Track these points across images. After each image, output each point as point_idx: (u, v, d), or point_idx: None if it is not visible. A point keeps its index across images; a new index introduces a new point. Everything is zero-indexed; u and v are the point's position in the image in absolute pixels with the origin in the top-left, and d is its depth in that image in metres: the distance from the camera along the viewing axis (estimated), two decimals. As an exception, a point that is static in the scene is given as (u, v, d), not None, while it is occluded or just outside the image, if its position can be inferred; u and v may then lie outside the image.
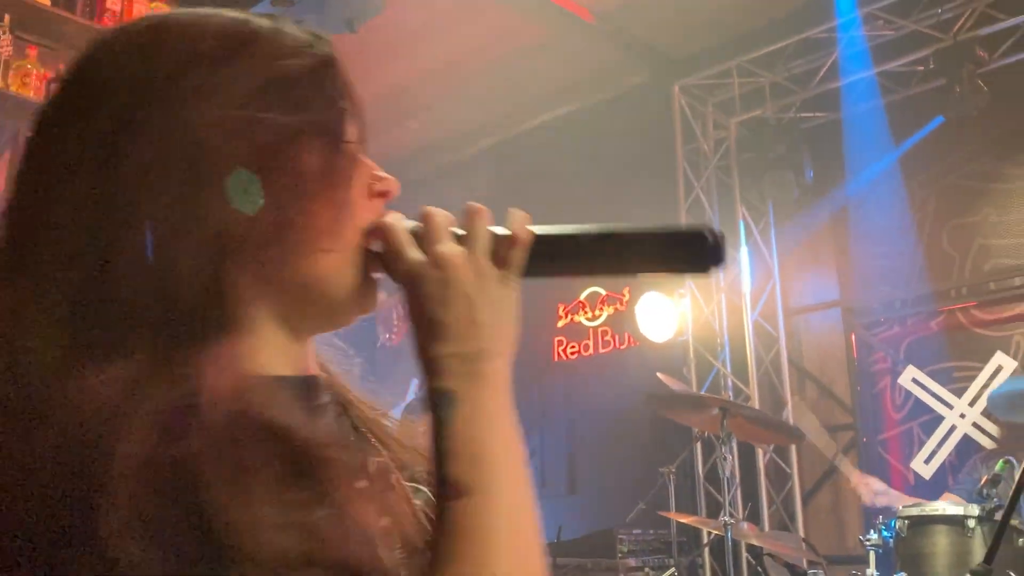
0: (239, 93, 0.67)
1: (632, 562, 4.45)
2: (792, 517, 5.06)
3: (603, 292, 6.28)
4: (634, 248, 0.76)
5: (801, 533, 4.89)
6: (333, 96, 0.73)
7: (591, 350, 6.29)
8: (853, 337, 5.07)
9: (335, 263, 0.72)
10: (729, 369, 5.28)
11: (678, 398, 3.96)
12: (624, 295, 6.13)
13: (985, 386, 4.44)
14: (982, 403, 4.38)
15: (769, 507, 5.08)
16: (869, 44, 4.85)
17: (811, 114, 5.30)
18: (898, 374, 4.85)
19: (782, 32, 5.07)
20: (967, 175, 4.82)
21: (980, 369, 4.53)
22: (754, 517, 5.01)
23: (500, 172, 6.73)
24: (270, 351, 0.71)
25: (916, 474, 4.67)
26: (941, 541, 2.92)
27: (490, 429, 0.68)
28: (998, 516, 2.93)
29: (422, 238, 0.72)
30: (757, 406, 5.09)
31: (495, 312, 0.71)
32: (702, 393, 4.71)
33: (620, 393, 5.55)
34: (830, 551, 4.60)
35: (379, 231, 0.73)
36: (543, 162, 6.31)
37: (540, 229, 0.74)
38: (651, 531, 4.64)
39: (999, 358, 4.47)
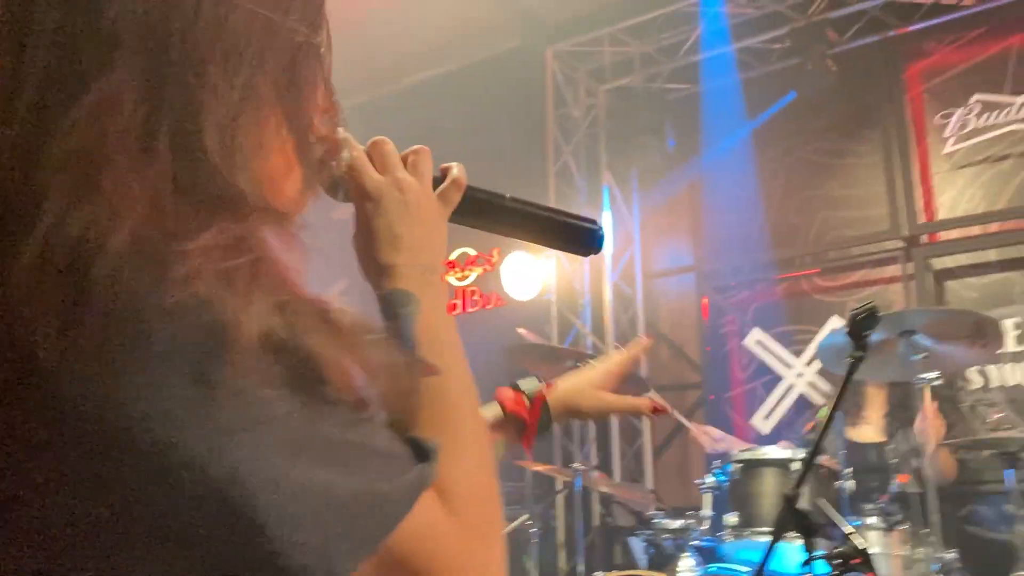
0: None
1: (488, 512, 4.59)
2: (642, 470, 5.30)
3: (472, 252, 6.37)
4: (540, 224, 0.94)
5: (650, 485, 5.13)
6: (323, 14, 0.77)
7: (459, 309, 6.38)
8: (705, 300, 5.33)
9: (298, 170, 0.75)
10: (589, 328, 5.46)
11: (536, 350, 4.09)
12: (492, 256, 6.23)
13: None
14: (818, 363, 4.69)
15: (621, 460, 5.30)
16: (731, 21, 5.06)
17: (676, 85, 5.49)
18: (744, 336, 5.13)
19: (652, 3, 5.23)
20: (815, 150, 5.12)
21: (817, 332, 4.85)
22: (606, 469, 5.23)
23: (370, 130, 6.68)
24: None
25: (756, 430, 4.97)
26: (769, 482, 3.14)
27: (443, 323, 0.82)
28: (818, 460, 3.19)
29: (378, 163, 0.84)
30: (614, 364, 5.30)
31: (439, 235, 0.85)
32: (556, 345, 4.86)
33: (485, 350, 5.66)
34: (676, 502, 4.85)
35: (342, 149, 0.82)
36: (415, 122, 6.30)
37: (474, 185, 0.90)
38: (507, 483, 4.78)
39: (834, 322, 4.80)
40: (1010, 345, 4.35)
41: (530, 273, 5.52)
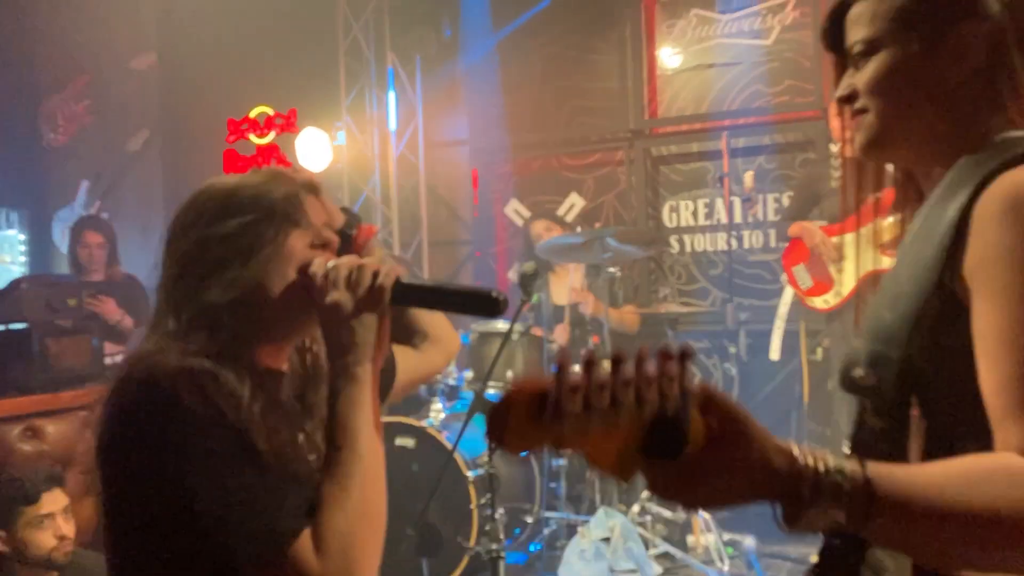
0: (228, 222, 1.22)
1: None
2: (421, 314, 6.36)
3: (271, 112, 6.91)
4: (457, 301, 1.27)
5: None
6: (281, 200, 1.24)
7: (260, 166, 6.99)
8: (475, 171, 6.27)
9: (282, 297, 1.22)
10: (378, 195, 6.30)
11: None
12: (291, 117, 6.81)
13: (564, 215, 5.82)
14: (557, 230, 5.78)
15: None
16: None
17: (454, -23, 6.11)
18: (505, 203, 6.15)
19: None
20: (567, 46, 5.97)
21: (561, 203, 5.93)
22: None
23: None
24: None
25: (512, 281, 6.10)
26: (495, 347, 4.25)
27: (355, 411, 1.17)
28: (533, 331, 4.32)
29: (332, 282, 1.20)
30: (397, 227, 6.24)
31: (368, 334, 1.20)
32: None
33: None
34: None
35: (306, 277, 1.23)
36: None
37: (403, 279, 1.23)
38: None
39: (573, 197, 5.89)
40: (700, 220, 5.60)
41: (322, 145, 6.20)
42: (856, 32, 1.12)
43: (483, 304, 1.20)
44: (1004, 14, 1.05)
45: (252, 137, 7.03)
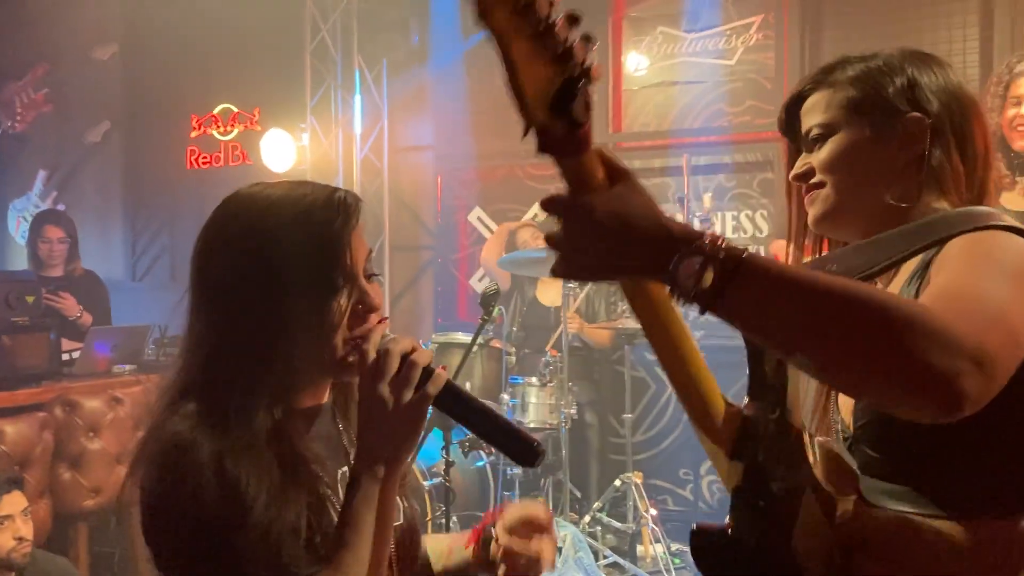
0: (273, 251, 1.15)
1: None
2: (381, 317, 6.39)
3: (235, 109, 6.89)
4: (496, 434, 1.16)
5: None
6: (326, 259, 1.15)
7: (222, 162, 6.97)
8: (440, 177, 6.31)
9: (320, 356, 1.17)
10: (340, 196, 6.29)
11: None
12: (255, 115, 6.81)
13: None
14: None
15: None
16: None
17: (423, -17, 6.14)
18: (469, 211, 6.20)
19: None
20: (535, 56, 6.03)
21: (524, 212, 5.99)
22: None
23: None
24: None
25: (472, 288, 6.16)
26: (456, 359, 4.30)
27: (367, 512, 1.12)
28: (492, 343, 4.39)
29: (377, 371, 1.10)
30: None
31: (403, 433, 1.12)
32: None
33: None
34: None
35: (358, 351, 1.15)
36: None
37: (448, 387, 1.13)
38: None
39: (537, 207, 5.96)
40: (660, 235, 5.69)
41: (286, 146, 6.20)
42: (812, 119, 1.27)
43: (521, 450, 1.15)
44: (943, 112, 1.20)
45: (215, 133, 7.02)
